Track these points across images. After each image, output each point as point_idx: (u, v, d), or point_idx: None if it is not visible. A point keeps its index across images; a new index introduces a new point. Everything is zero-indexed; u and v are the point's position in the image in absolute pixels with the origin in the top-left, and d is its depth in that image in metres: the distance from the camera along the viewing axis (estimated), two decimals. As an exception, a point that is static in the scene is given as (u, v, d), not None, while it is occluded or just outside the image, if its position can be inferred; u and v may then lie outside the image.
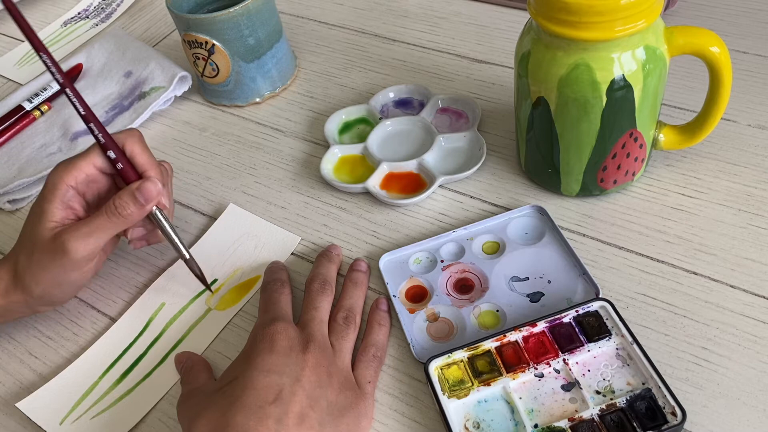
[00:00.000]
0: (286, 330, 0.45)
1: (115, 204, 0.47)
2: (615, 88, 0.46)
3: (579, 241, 0.52)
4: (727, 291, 0.48)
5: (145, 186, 0.48)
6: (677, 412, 0.40)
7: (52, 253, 0.47)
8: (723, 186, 0.54)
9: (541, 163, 0.54)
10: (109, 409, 0.48)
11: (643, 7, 0.43)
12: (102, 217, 0.47)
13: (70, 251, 0.46)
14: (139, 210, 0.48)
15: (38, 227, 0.47)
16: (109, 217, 0.47)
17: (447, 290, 0.50)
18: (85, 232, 0.47)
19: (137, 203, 0.48)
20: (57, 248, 0.46)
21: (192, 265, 0.52)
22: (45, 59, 0.46)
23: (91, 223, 0.47)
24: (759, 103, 0.59)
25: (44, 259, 0.47)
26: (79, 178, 0.48)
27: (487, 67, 0.69)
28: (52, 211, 0.47)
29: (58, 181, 0.48)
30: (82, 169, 0.48)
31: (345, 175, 0.60)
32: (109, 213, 0.47)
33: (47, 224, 0.47)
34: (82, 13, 0.90)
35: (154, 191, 0.48)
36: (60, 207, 0.47)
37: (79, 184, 0.48)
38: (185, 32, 0.65)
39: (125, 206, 0.47)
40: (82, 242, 0.46)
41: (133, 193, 0.48)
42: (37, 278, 0.48)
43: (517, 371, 0.44)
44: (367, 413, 0.44)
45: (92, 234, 0.47)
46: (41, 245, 0.47)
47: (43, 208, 0.47)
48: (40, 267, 0.47)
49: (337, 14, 0.81)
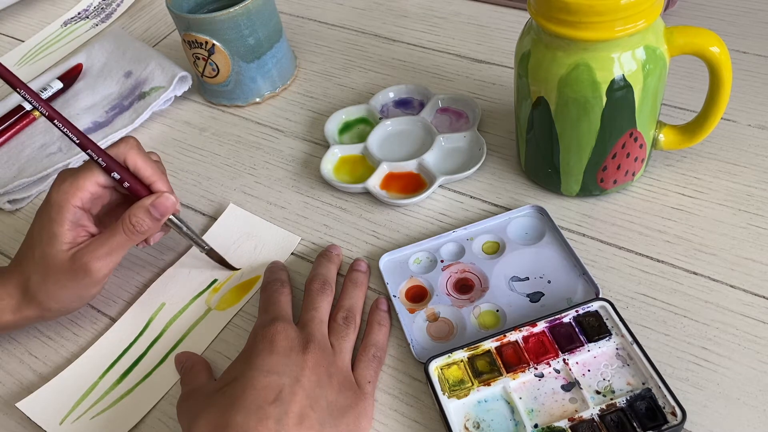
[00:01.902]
0: (285, 330, 0.45)
1: (132, 222, 0.48)
2: (615, 88, 0.46)
3: (579, 241, 0.52)
4: (727, 291, 0.48)
5: (160, 202, 0.49)
6: (677, 412, 0.40)
7: (72, 274, 0.47)
8: (723, 186, 0.54)
9: (541, 163, 0.54)
10: (109, 409, 0.48)
11: (643, 7, 0.43)
12: (120, 235, 0.48)
13: (92, 272, 0.47)
14: (155, 225, 0.49)
15: (51, 250, 0.47)
16: (128, 235, 0.48)
17: (447, 290, 0.50)
18: (105, 252, 0.47)
19: (153, 219, 0.49)
20: (77, 270, 0.47)
21: (213, 255, 0.54)
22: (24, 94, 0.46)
23: (110, 242, 0.48)
24: (759, 103, 0.59)
25: (63, 279, 0.48)
26: (84, 198, 0.48)
27: (487, 67, 0.69)
28: (64, 234, 0.47)
29: (63, 202, 0.47)
30: (86, 188, 0.48)
31: (345, 175, 0.60)
32: (127, 231, 0.48)
33: (61, 246, 0.47)
34: (82, 13, 0.90)
35: (168, 205, 0.49)
36: (70, 228, 0.48)
37: (84, 203, 0.48)
38: (185, 32, 0.65)
39: (141, 223, 0.48)
40: (103, 262, 0.47)
41: (148, 210, 0.48)
42: (55, 297, 0.48)
43: (517, 371, 0.44)
44: (367, 413, 0.44)
45: (112, 253, 0.48)
46: (59, 268, 0.47)
47: (54, 231, 0.47)
48: (59, 286, 0.48)
49: (337, 14, 0.81)
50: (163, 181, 0.50)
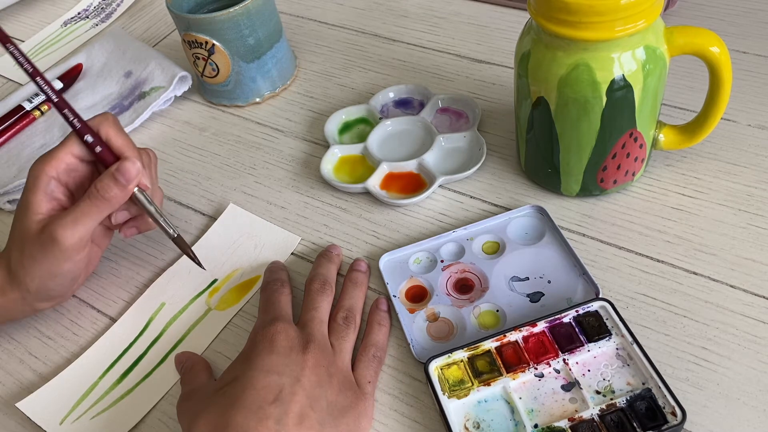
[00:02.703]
0: (285, 330, 0.45)
1: (97, 188, 0.47)
2: (615, 88, 0.46)
3: (579, 241, 0.52)
4: (727, 291, 0.48)
5: (124, 166, 0.48)
6: (677, 412, 0.40)
7: (41, 245, 0.47)
8: (723, 186, 0.54)
9: (541, 163, 0.54)
10: (109, 409, 0.48)
11: (643, 7, 0.43)
12: (86, 202, 0.47)
13: (59, 240, 0.46)
14: (122, 191, 0.48)
15: (25, 221, 0.47)
16: (93, 201, 0.47)
17: (447, 290, 0.50)
18: (71, 220, 0.46)
19: (119, 184, 0.47)
20: (45, 239, 0.46)
21: (180, 243, 0.52)
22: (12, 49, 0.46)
23: (76, 210, 0.47)
24: (759, 103, 0.59)
25: (35, 251, 0.47)
26: (59, 168, 0.48)
27: (487, 67, 0.69)
28: (37, 203, 0.47)
29: (39, 173, 0.47)
30: (61, 158, 0.48)
31: (345, 175, 0.60)
32: (92, 197, 0.47)
33: (34, 217, 0.47)
34: (82, 13, 0.90)
35: (133, 170, 0.48)
36: (44, 199, 0.47)
37: (60, 174, 0.48)
38: (185, 32, 0.65)
39: (107, 188, 0.47)
40: (69, 230, 0.46)
41: (113, 175, 0.47)
42: (30, 272, 0.48)
43: (517, 371, 0.44)
44: (367, 413, 0.44)
45: (79, 221, 0.47)
46: (30, 238, 0.47)
47: (28, 200, 0.47)
48: (32, 260, 0.47)
49: (337, 14, 0.81)
50: (134, 153, 0.49)
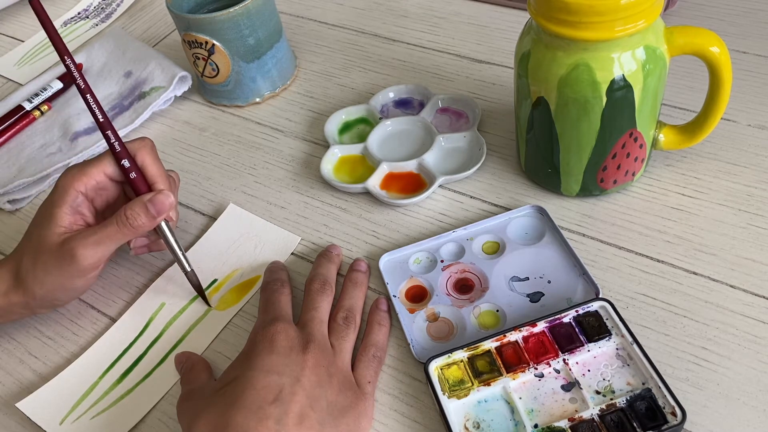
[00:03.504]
0: (285, 330, 0.45)
1: (126, 215, 0.47)
2: (615, 88, 0.46)
3: (579, 241, 0.52)
4: (727, 291, 0.48)
5: (158, 199, 0.48)
6: (677, 412, 0.40)
7: (59, 259, 0.47)
8: (723, 186, 0.54)
9: (541, 163, 0.54)
10: (109, 409, 0.48)
11: (643, 7, 0.43)
12: (112, 226, 0.47)
13: (78, 258, 0.46)
14: (150, 222, 0.48)
15: (46, 231, 0.47)
16: (120, 227, 0.47)
17: (447, 290, 0.50)
18: (94, 241, 0.47)
19: (149, 215, 0.48)
20: (65, 254, 0.47)
21: (192, 278, 0.52)
22: (69, 63, 0.47)
23: (101, 232, 0.47)
24: (759, 103, 0.59)
25: (50, 263, 0.47)
26: (89, 184, 0.48)
27: (487, 67, 0.69)
28: (61, 216, 0.47)
29: (68, 186, 0.48)
30: (93, 176, 0.48)
31: (345, 175, 0.60)
32: (119, 223, 0.47)
33: (55, 229, 0.47)
34: (82, 13, 0.90)
35: (166, 204, 0.49)
36: (69, 212, 0.48)
37: (88, 190, 0.48)
38: (185, 32, 0.65)
39: (136, 217, 0.48)
40: (90, 250, 0.47)
41: (145, 205, 0.48)
42: (40, 281, 0.48)
43: (517, 371, 0.44)
44: (367, 413, 0.44)
45: (101, 243, 0.47)
46: (48, 250, 0.47)
47: (52, 212, 0.47)
48: (45, 271, 0.47)
49: (337, 14, 0.81)
50: (166, 184, 0.50)
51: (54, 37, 0.46)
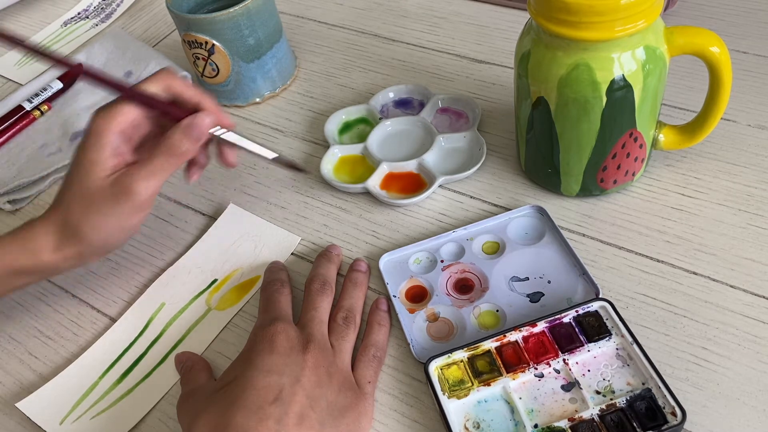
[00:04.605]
0: (286, 330, 0.45)
1: (169, 143, 0.47)
2: (615, 88, 0.46)
3: (579, 241, 0.52)
4: (727, 291, 0.48)
5: (196, 123, 0.47)
6: (677, 412, 0.40)
7: (113, 200, 0.46)
8: (723, 186, 0.54)
9: (541, 163, 0.54)
10: (109, 409, 0.48)
11: (643, 7, 0.43)
12: (160, 157, 0.47)
13: (134, 194, 0.46)
14: (194, 144, 0.48)
15: (91, 177, 0.46)
16: (167, 157, 0.47)
17: (447, 290, 0.50)
18: (147, 174, 0.46)
19: (191, 139, 0.47)
20: (119, 193, 0.46)
21: (282, 160, 0.53)
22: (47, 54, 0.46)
23: (151, 165, 0.47)
24: (759, 103, 0.59)
25: (105, 205, 0.46)
26: (124, 123, 0.47)
27: (487, 67, 0.69)
28: (104, 160, 0.46)
29: (102, 129, 0.47)
30: (126, 113, 0.47)
31: (345, 175, 0.60)
32: (166, 153, 0.47)
33: (101, 173, 0.46)
34: (82, 13, 0.90)
35: (205, 124, 0.48)
36: (110, 155, 0.47)
37: (124, 129, 0.47)
38: (185, 32, 0.65)
39: (180, 144, 0.47)
40: (144, 184, 0.46)
41: (183, 131, 0.47)
42: (96, 225, 0.47)
43: (517, 371, 0.44)
44: (367, 413, 0.44)
45: (154, 175, 0.47)
46: (100, 194, 0.46)
47: (92, 158, 0.46)
48: (101, 214, 0.47)
49: (337, 14, 0.81)
50: (209, 101, 0.49)
51: None
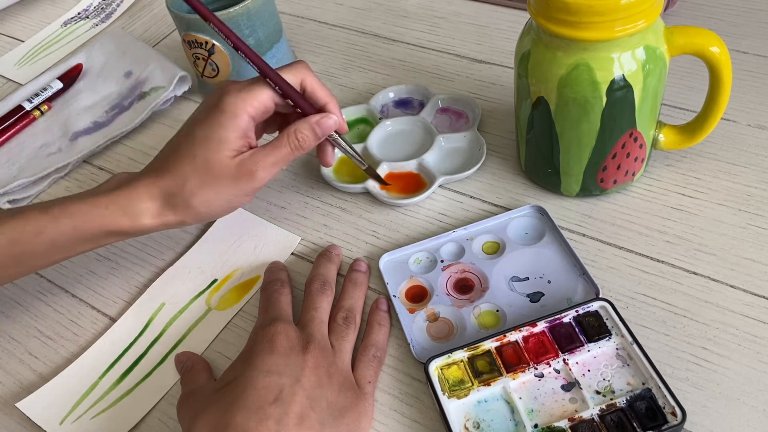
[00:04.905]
0: (286, 330, 0.45)
1: (297, 138, 0.49)
2: (615, 88, 0.46)
3: (579, 241, 0.52)
4: (727, 291, 0.48)
5: (324, 122, 0.50)
6: (677, 412, 0.40)
7: (235, 181, 0.48)
8: (723, 186, 0.54)
9: (541, 163, 0.54)
10: (109, 409, 0.48)
11: (643, 7, 0.43)
12: (285, 149, 0.49)
13: (258, 179, 0.48)
14: (316, 141, 0.51)
15: (217, 155, 0.48)
16: (293, 149, 0.49)
17: (447, 290, 0.50)
18: (271, 162, 0.49)
19: (316, 136, 0.50)
20: (243, 176, 0.48)
21: (370, 172, 0.56)
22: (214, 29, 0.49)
23: (276, 154, 0.49)
24: (759, 103, 0.59)
25: (224, 185, 0.48)
26: (258, 109, 0.49)
27: (487, 67, 0.69)
28: (233, 141, 0.48)
29: (239, 109, 0.48)
30: (263, 100, 0.49)
31: (345, 175, 0.60)
32: (292, 146, 0.49)
33: (227, 152, 0.48)
34: (82, 13, 0.90)
35: (330, 125, 0.50)
36: (239, 136, 0.48)
37: (257, 114, 0.49)
38: (185, 32, 0.65)
39: (306, 139, 0.50)
40: (268, 171, 0.49)
41: (313, 127, 0.50)
42: (208, 201, 0.48)
43: (517, 371, 0.44)
44: (367, 413, 0.44)
45: (278, 164, 0.49)
46: (223, 173, 0.48)
47: (223, 137, 0.48)
48: (216, 192, 0.48)
49: (337, 14, 0.81)
50: (334, 103, 0.52)
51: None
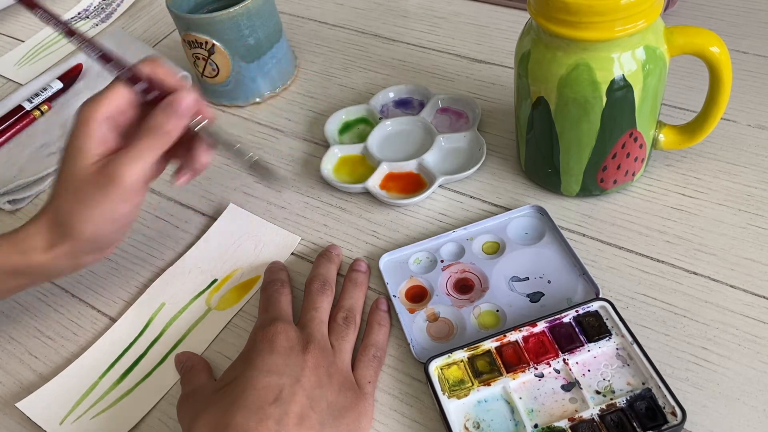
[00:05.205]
0: (286, 330, 0.45)
1: (152, 124, 0.45)
2: (615, 88, 0.46)
3: (579, 241, 0.52)
4: (727, 291, 0.48)
5: (176, 98, 0.46)
6: (677, 412, 0.40)
7: (101, 187, 0.44)
8: (723, 186, 0.54)
9: (541, 163, 0.54)
10: (109, 409, 0.48)
11: (643, 7, 0.43)
12: (144, 139, 0.45)
13: (120, 179, 0.44)
14: (178, 121, 0.46)
15: (77, 166, 0.45)
16: (152, 138, 0.45)
17: (447, 290, 0.50)
18: (131, 158, 0.45)
19: (175, 115, 0.45)
20: (105, 180, 0.44)
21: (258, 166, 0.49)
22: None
23: (135, 148, 0.45)
24: (759, 103, 0.59)
25: (92, 194, 0.45)
26: (110, 110, 0.46)
27: (487, 67, 0.69)
28: (90, 148, 0.45)
29: (88, 117, 0.45)
30: (112, 100, 0.46)
31: (345, 175, 0.60)
32: (149, 133, 0.45)
33: (87, 161, 0.45)
34: (82, 13, 0.90)
35: (186, 100, 0.46)
36: (97, 143, 0.45)
37: (111, 117, 0.46)
38: (185, 32, 0.65)
39: (163, 123, 0.45)
40: (130, 169, 0.44)
41: (165, 109, 0.45)
42: (86, 218, 0.45)
43: (517, 371, 0.44)
44: (367, 413, 0.44)
45: (139, 158, 0.45)
46: (87, 182, 0.45)
47: (79, 146, 0.45)
48: (88, 205, 0.45)
49: (337, 14, 0.81)
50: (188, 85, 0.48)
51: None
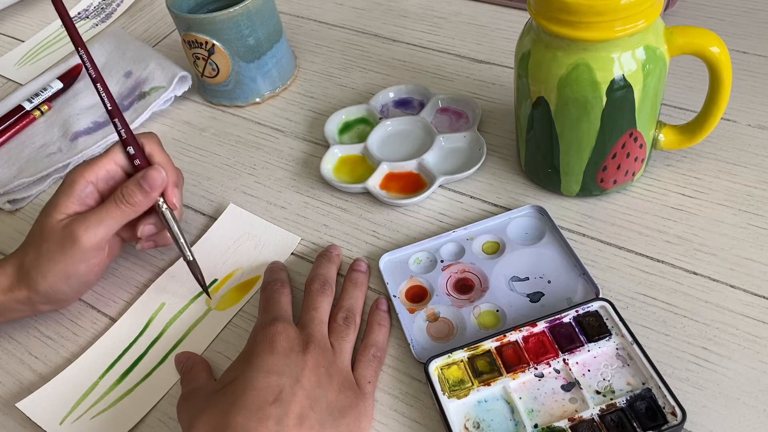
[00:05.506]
0: (286, 330, 0.45)
1: (122, 193, 0.48)
2: (615, 88, 0.46)
3: (579, 241, 0.52)
4: (727, 291, 0.48)
5: (150, 174, 0.49)
6: (677, 412, 0.40)
7: (61, 244, 0.47)
8: (723, 186, 0.54)
9: (541, 163, 0.54)
10: (109, 409, 0.48)
11: (643, 7, 0.43)
12: (110, 205, 0.48)
13: (79, 240, 0.47)
14: (146, 198, 0.49)
15: (48, 220, 0.48)
16: (117, 205, 0.48)
17: (447, 290, 0.50)
18: (94, 221, 0.47)
19: (143, 191, 0.49)
20: (66, 238, 0.47)
21: (194, 268, 0.52)
22: (82, 54, 0.48)
23: (100, 212, 0.48)
24: (759, 103, 0.59)
25: (53, 250, 0.47)
26: (99, 174, 0.49)
27: (487, 67, 0.69)
28: (66, 205, 0.48)
29: (77, 177, 0.48)
30: (103, 165, 0.49)
31: (345, 175, 0.60)
32: (117, 201, 0.48)
33: (58, 216, 0.48)
34: (82, 13, 0.90)
35: (158, 179, 0.49)
36: (75, 202, 0.48)
37: (98, 180, 0.49)
38: (185, 32, 0.65)
39: (131, 194, 0.48)
40: (91, 231, 0.47)
41: (138, 181, 0.49)
42: (44, 271, 0.48)
43: (517, 371, 0.44)
44: (367, 413, 0.44)
45: (101, 223, 0.47)
46: (51, 237, 0.47)
47: (57, 201, 0.48)
48: (48, 259, 0.47)
49: (337, 14, 0.81)
50: (173, 173, 0.51)
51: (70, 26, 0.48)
